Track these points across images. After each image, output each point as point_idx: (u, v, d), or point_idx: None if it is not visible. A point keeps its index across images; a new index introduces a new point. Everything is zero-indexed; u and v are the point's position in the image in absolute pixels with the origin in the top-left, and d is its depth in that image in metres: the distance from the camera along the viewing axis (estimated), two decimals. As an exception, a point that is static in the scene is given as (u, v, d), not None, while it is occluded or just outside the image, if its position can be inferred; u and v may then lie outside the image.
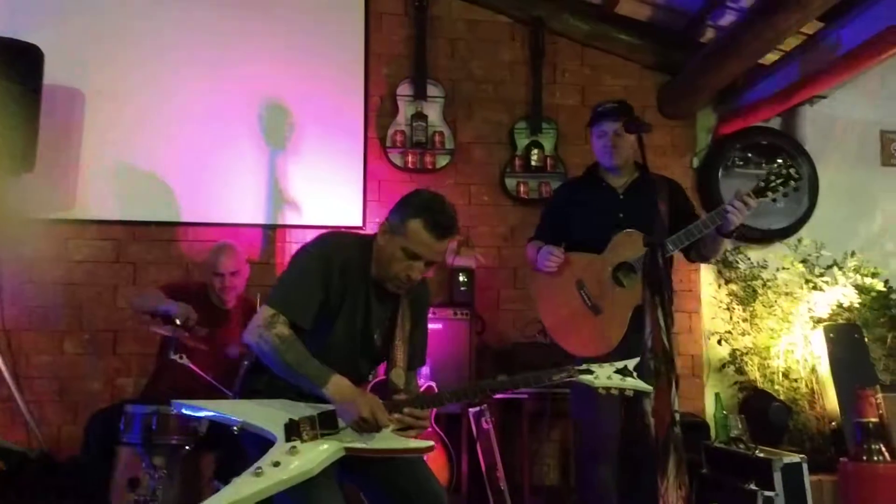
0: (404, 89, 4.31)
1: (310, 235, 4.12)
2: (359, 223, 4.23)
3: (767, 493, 3.17)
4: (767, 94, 4.12)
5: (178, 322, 3.00)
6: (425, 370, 3.62)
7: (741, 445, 3.42)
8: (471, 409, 3.67)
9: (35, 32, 3.73)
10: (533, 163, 4.30)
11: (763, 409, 3.82)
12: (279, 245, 4.19)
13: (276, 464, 1.88)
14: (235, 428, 1.97)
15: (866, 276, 4.20)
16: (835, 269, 4.24)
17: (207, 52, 4.17)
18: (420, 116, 4.26)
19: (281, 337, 1.96)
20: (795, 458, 3.26)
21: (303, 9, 4.31)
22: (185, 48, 4.15)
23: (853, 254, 4.28)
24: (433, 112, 4.30)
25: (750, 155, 4.39)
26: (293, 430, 1.94)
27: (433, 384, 3.49)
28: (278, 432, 1.94)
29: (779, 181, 2.53)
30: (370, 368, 2.25)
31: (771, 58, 4.08)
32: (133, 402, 3.00)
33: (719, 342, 4.28)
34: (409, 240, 2.02)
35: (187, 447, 2.82)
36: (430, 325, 3.74)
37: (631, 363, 2.10)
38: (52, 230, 3.92)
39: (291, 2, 4.32)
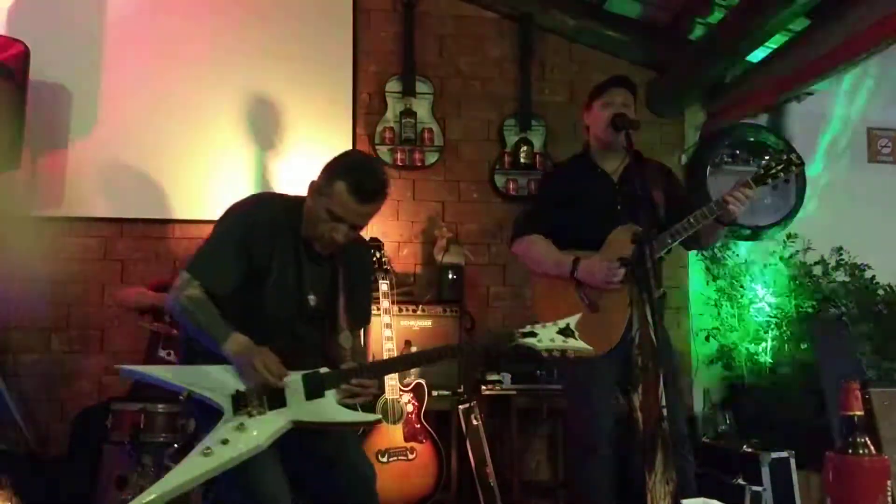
0: (393, 86, 4.30)
1: (299, 232, 4.19)
2: (348, 220, 4.22)
3: (755, 488, 3.19)
4: (755, 90, 4.13)
5: (167, 319, 2.99)
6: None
7: (729, 440, 3.44)
8: (460, 407, 3.68)
9: (21, 28, 3.70)
10: (522, 159, 4.30)
11: (750, 405, 3.85)
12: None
13: (225, 441, 1.89)
14: (182, 395, 1.98)
15: (853, 272, 4.23)
16: (822, 265, 4.27)
17: (195, 48, 4.14)
18: (409, 113, 4.25)
19: (191, 298, 1.97)
20: (783, 452, 3.28)
21: (290, 6, 4.29)
22: (173, 45, 4.13)
23: (840, 250, 4.31)
24: (422, 109, 4.30)
25: (738, 152, 4.41)
26: (241, 402, 1.95)
27: (422, 381, 3.50)
28: (226, 404, 1.95)
29: (779, 167, 2.46)
30: (313, 332, 2.16)
31: (759, 55, 4.10)
32: (120, 400, 2.99)
33: (707, 338, 4.30)
34: (333, 201, 2.01)
35: (175, 445, 2.81)
36: (419, 322, 3.87)
37: (573, 320, 2.09)
38: (39, 227, 3.90)
39: (279, -1, 4.30)
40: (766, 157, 2.53)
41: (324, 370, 2.03)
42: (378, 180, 2.04)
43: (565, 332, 2.07)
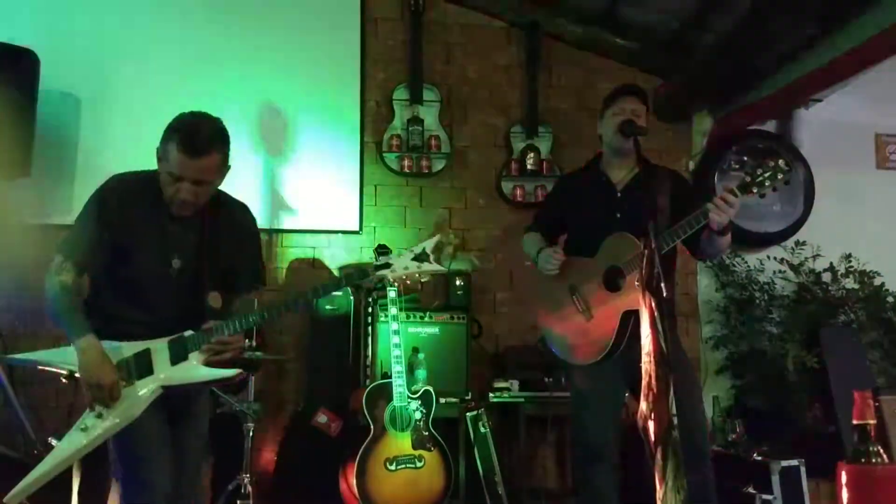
0: (400, 93, 4.31)
1: (308, 240, 4.21)
2: (356, 227, 4.23)
3: (766, 497, 3.17)
4: (763, 97, 4.13)
5: None
6: (422, 375, 3.63)
7: (739, 449, 3.42)
8: (468, 413, 3.67)
9: (31, 37, 3.72)
10: (529, 166, 4.31)
11: (760, 413, 3.83)
12: (276, 250, 4.19)
13: (99, 416, 2.02)
14: (64, 376, 2.10)
15: (862, 279, 4.21)
16: (831, 272, 4.25)
17: (204, 56, 4.17)
18: (416, 121, 4.26)
19: (61, 283, 2.08)
20: (793, 461, 3.26)
21: (299, 14, 4.31)
22: (182, 53, 4.15)
23: (849, 257, 4.29)
24: (429, 116, 4.31)
25: (746, 158, 4.40)
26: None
27: (430, 388, 3.49)
28: None
29: (766, 174, 2.40)
30: (193, 296, 2.18)
31: (767, 61, 4.09)
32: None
33: (717, 346, 4.29)
34: (171, 163, 2.06)
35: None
36: (426, 329, 3.87)
37: (429, 244, 2.12)
38: (48, 235, 3.90)
39: (288, 7, 4.32)
40: (753, 166, 2.47)
41: (188, 333, 2.12)
42: (205, 133, 2.06)
43: (420, 257, 2.10)
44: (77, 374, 2.06)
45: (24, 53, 3.61)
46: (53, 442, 2.26)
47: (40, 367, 2.19)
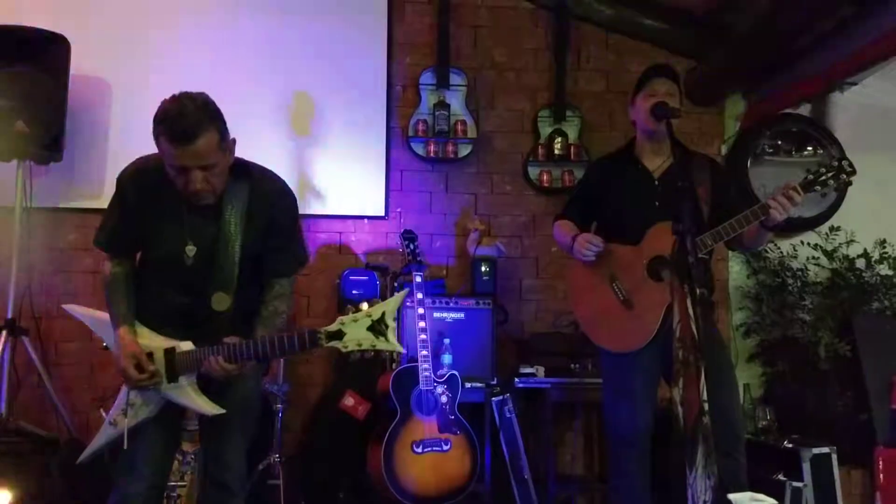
0: (427, 78, 4.29)
1: (335, 226, 4.23)
2: (381, 213, 4.23)
3: (796, 484, 3.14)
4: (798, 80, 4.04)
5: None
6: (447, 360, 3.63)
7: (770, 436, 3.38)
8: (493, 399, 3.67)
9: (62, 22, 3.76)
10: (556, 151, 4.26)
11: (791, 400, 3.78)
12: (304, 235, 4.20)
13: (125, 411, 2.13)
14: (103, 346, 2.24)
15: (897, 265, 4.13)
16: (865, 258, 4.17)
17: (233, 41, 4.17)
18: (442, 105, 4.24)
19: (104, 277, 2.19)
20: (824, 448, 3.22)
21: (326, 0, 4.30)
22: (211, 38, 4.17)
23: (884, 242, 4.20)
24: (455, 101, 4.28)
25: (780, 142, 4.31)
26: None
27: (456, 373, 3.49)
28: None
29: (829, 174, 2.38)
30: (213, 287, 2.09)
31: (802, 43, 3.99)
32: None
33: (748, 334, 4.23)
34: (165, 156, 2.00)
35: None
36: (452, 314, 3.87)
37: (391, 306, 1.93)
38: (81, 219, 3.97)
39: (315, -8, 4.31)
40: (818, 163, 2.41)
41: (184, 348, 2.08)
42: (189, 117, 1.93)
43: (376, 327, 1.92)
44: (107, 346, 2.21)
45: (55, 38, 3.65)
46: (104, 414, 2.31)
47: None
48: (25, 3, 4.00)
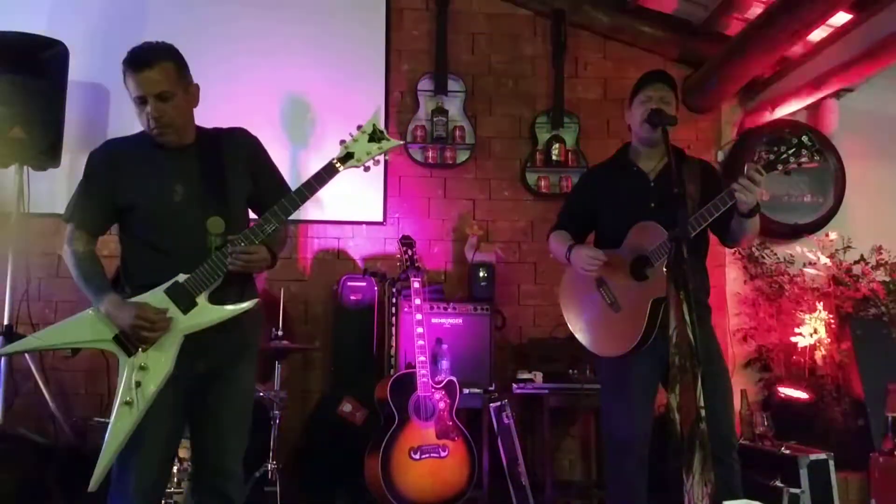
0: (425, 84, 4.30)
1: (332, 231, 4.23)
2: (380, 218, 4.24)
3: (793, 490, 3.14)
4: (794, 87, 4.05)
5: None
6: (445, 365, 3.63)
7: (767, 442, 3.38)
8: (491, 405, 3.67)
9: (60, 28, 3.77)
10: (554, 157, 4.28)
11: (788, 406, 3.79)
12: (301, 241, 4.21)
13: (138, 384, 1.99)
14: (66, 355, 2.18)
15: (893, 270, 4.13)
16: (862, 263, 4.18)
17: (230, 47, 4.19)
18: (440, 111, 4.25)
19: (76, 253, 2.14)
20: (821, 455, 3.22)
21: (324, 5, 4.32)
22: (209, 43, 4.16)
23: (880, 249, 4.21)
24: (454, 107, 4.29)
25: (776, 149, 4.31)
26: (128, 341, 2.03)
27: (454, 378, 3.49)
28: (113, 348, 2.05)
29: (789, 151, 2.36)
30: (213, 221, 2.11)
31: (797, 50, 4.02)
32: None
33: (745, 339, 4.24)
34: (129, 88, 2.08)
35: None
36: (450, 320, 3.87)
37: (377, 122, 2.16)
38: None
39: (313, -2, 4.32)
40: (777, 142, 2.40)
41: (182, 278, 2.06)
42: (147, 48, 2.08)
43: (374, 136, 2.16)
44: (78, 347, 2.14)
45: (53, 44, 3.65)
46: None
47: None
48: (24, 9, 4.01)
